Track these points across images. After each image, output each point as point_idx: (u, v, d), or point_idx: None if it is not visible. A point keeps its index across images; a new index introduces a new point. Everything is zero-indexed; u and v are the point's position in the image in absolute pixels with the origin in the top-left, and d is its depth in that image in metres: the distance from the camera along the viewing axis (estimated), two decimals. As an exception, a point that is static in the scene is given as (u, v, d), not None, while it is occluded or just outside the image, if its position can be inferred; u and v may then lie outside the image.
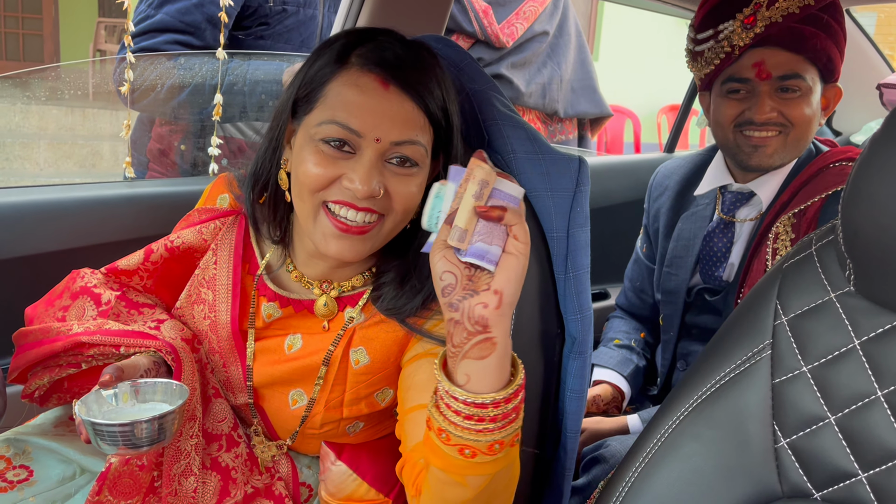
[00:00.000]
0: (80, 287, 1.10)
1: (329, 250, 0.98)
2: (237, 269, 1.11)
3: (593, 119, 2.73)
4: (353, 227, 0.96)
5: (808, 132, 1.49)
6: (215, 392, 1.09)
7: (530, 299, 1.12)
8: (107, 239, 1.50)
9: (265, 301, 1.10)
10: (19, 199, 1.46)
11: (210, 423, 1.07)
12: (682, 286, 1.65)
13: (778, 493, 0.80)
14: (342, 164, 0.95)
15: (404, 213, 1.00)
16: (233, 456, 1.07)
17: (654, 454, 0.87)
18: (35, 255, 1.46)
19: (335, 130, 0.94)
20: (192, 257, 1.15)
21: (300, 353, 1.08)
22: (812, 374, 0.79)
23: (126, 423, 0.86)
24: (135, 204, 1.54)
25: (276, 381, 1.09)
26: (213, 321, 1.10)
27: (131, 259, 1.15)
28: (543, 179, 1.14)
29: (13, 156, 5.23)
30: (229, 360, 1.10)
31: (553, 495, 1.19)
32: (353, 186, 0.94)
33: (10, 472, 1.04)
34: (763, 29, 1.43)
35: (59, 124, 5.59)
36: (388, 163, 0.96)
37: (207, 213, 1.16)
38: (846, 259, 0.77)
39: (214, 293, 1.11)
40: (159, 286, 1.16)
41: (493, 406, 0.80)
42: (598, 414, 1.72)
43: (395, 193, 0.97)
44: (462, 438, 0.81)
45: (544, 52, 2.50)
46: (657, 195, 1.81)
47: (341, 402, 1.08)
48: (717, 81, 1.54)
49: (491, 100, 1.18)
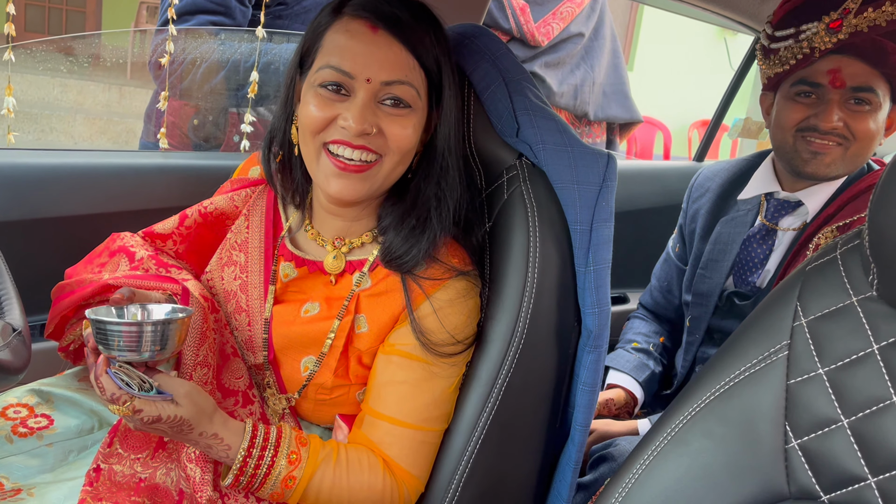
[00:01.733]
0: (118, 246, 1.17)
1: (330, 189, 1.04)
2: (269, 233, 1.18)
3: (623, 124, 2.73)
4: (351, 165, 1.02)
5: (868, 148, 1.47)
6: (234, 351, 1.13)
7: (550, 291, 1.12)
8: (140, 206, 1.53)
9: (283, 261, 1.15)
10: (60, 162, 1.50)
11: (228, 378, 1.11)
12: (715, 289, 1.64)
13: (785, 494, 0.80)
14: (338, 105, 1.02)
15: (401, 155, 1.05)
16: (247, 412, 1.10)
17: (663, 448, 0.87)
18: (72, 216, 1.50)
19: (329, 74, 1.02)
20: (223, 224, 1.21)
21: (315, 318, 1.12)
22: (828, 377, 0.79)
23: (133, 323, 0.91)
24: (168, 174, 1.57)
25: (290, 344, 1.13)
26: (245, 281, 1.16)
27: (167, 223, 1.21)
28: (570, 171, 1.14)
29: (49, 128, 5.31)
30: (255, 318, 1.14)
31: (559, 487, 1.19)
32: (346, 124, 1.00)
33: (32, 419, 1.08)
34: (847, 36, 1.40)
35: (96, 100, 5.68)
36: (381, 104, 1.03)
37: (239, 182, 1.24)
38: (870, 263, 0.77)
39: (247, 255, 1.17)
40: (190, 252, 1.22)
41: (244, 459, 0.99)
42: (609, 417, 1.71)
43: (390, 134, 1.03)
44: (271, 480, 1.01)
45: (578, 54, 2.50)
46: (697, 196, 1.80)
47: (347, 370, 1.12)
48: (786, 82, 1.51)
49: (524, 90, 1.18)
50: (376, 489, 1.05)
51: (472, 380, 1.11)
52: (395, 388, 1.07)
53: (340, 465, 1.04)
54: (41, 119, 5.29)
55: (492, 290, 1.14)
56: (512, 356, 1.09)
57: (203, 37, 1.89)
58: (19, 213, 1.47)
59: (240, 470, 0.99)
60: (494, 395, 1.09)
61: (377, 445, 1.07)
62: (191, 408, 0.95)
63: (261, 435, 1.01)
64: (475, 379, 1.11)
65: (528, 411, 1.14)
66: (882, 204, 0.74)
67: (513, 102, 1.17)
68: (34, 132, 5.19)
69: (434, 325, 1.07)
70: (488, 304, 1.13)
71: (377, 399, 1.08)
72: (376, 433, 1.07)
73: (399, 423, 1.07)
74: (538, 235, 1.12)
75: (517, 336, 1.09)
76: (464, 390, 1.12)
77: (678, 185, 2.09)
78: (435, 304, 1.07)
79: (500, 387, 1.09)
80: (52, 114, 5.33)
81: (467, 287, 1.10)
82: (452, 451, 1.10)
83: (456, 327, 1.08)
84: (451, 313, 1.08)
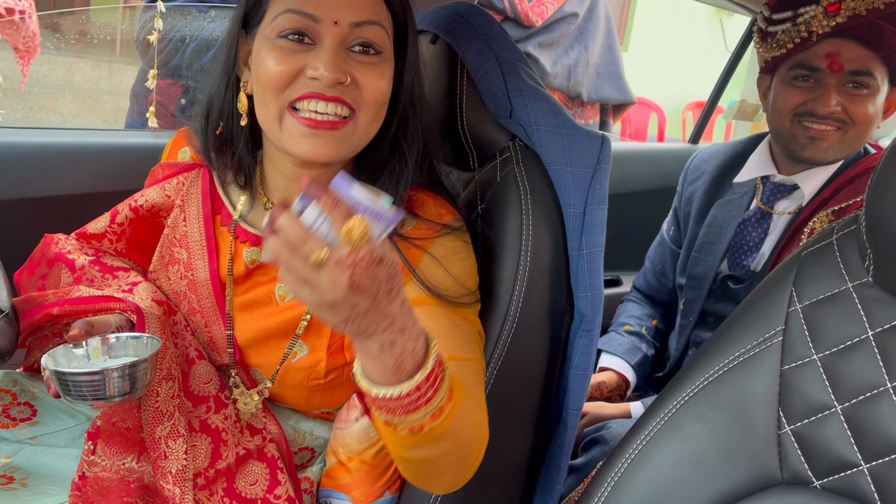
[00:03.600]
0: (54, 254, 1.08)
1: (303, 151, 0.93)
2: (209, 223, 1.07)
3: (616, 105, 2.71)
4: (325, 121, 0.92)
5: (866, 132, 1.46)
6: (198, 354, 1.05)
7: (542, 274, 1.11)
8: (128, 186, 1.51)
9: (246, 247, 1.05)
10: (46, 141, 1.48)
11: (195, 385, 1.03)
12: (709, 272, 1.64)
13: (778, 479, 0.80)
14: (303, 56, 0.91)
15: (376, 108, 0.95)
16: (222, 418, 1.03)
17: (657, 433, 0.87)
18: (59, 196, 1.47)
19: (291, 20, 0.91)
20: (158, 217, 1.11)
21: (294, 302, 1.03)
22: (822, 363, 0.79)
23: (96, 372, 0.83)
24: (156, 153, 1.55)
25: (268, 335, 1.04)
26: (192, 280, 1.06)
27: (98, 223, 1.12)
28: (564, 154, 1.13)
29: (38, 105, 5.25)
30: (211, 318, 1.06)
31: (551, 470, 1.19)
32: (318, 73, 0.90)
33: (14, 408, 1.03)
34: (845, 19, 1.39)
35: (86, 77, 5.61)
36: (351, 51, 0.93)
37: (169, 169, 1.13)
38: (867, 249, 0.77)
39: (189, 251, 1.07)
40: (131, 249, 1.12)
41: (408, 396, 0.74)
42: (601, 399, 1.72)
43: (364, 84, 0.93)
44: (405, 421, 0.76)
45: (572, 34, 2.48)
46: (693, 179, 1.79)
47: (342, 346, 1.04)
48: (783, 66, 1.50)
49: (518, 70, 1.17)
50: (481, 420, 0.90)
51: (464, 363, 1.11)
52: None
53: (467, 396, 0.86)
54: (29, 96, 5.23)
55: (483, 272, 1.13)
56: (504, 339, 1.09)
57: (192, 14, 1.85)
58: (5, 192, 1.45)
59: (417, 387, 0.75)
60: (487, 377, 1.09)
61: None
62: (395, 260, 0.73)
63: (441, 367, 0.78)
64: (467, 362, 1.10)
65: (520, 395, 1.14)
66: (880, 189, 0.73)
67: (506, 83, 1.16)
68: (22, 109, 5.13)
69: (437, 273, 0.97)
70: (480, 288, 1.13)
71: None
72: None
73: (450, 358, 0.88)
74: (531, 218, 1.11)
75: (509, 319, 1.09)
76: (456, 374, 1.11)
77: (673, 168, 2.08)
78: (435, 253, 0.98)
79: (493, 370, 1.09)
80: (41, 91, 5.27)
81: (460, 243, 1.02)
82: (444, 434, 1.10)
83: (463, 278, 0.99)
84: (453, 263, 0.99)
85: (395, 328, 0.72)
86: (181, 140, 1.16)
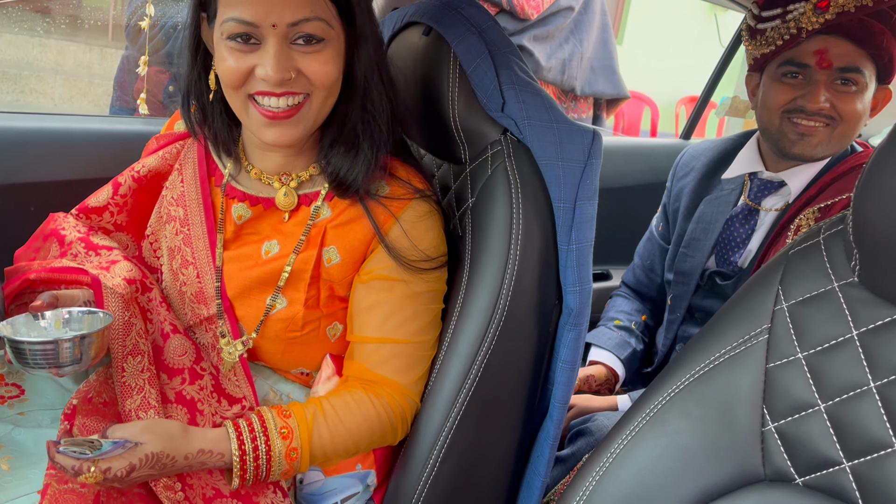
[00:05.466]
0: (50, 230, 1.16)
1: (266, 139, 1.04)
2: (205, 183, 1.16)
3: (610, 100, 2.71)
4: (280, 112, 1.01)
5: (854, 129, 1.47)
6: (173, 328, 1.10)
7: (531, 268, 1.12)
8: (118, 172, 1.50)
9: (235, 202, 1.14)
10: (37, 126, 1.46)
11: (170, 357, 1.09)
12: (696, 268, 1.64)
13: (760, 476, 0.81)
14: (251, 56, 0.99)
15: (327, 89, 1.03)
16: (197, 389, 1.08)
17: (642, 428, 0.87)
18: (49, 181, 1.47)
19: (234, 27, 0.98)
20: (158, 185, 1.20)
21: (277, 256, 1.11)
22: (806, 362, 0.79)
23: (49, 342, 0.88)
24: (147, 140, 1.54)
25: (251, 286, 1.12)
26: (188, 235, 1.14)
27: (100, 195, 1.19)
28: (556, 148, 1.13)
29: (28, 89, 5.21)
30: (204, 269, 1.13)
31: (537, 462, 1.19)
32: (265, 74, 0.98)
33: (3, 387, 1.06)
34: (834, 16, 1.39)
35: (77, 61, 5.56)
36: (294, 44, 1.00)
37: (165, 138, 1.22)
38: (853, 249, 0.77)
39: (185, 209, 1.15)
40: (131, 221, 1.20)
41: (241, 458, 0.99)
42: (589, 393, 1.72)
43: (310, 72, 1.01)
44: (274, 476, 1.03)
45: (568, 28, 2.47)
46: (682, 175, 1.79)
47: (318, 301, 1.12)
48: (772, 63, 1.50)
49: (511, 64, 1.17)
50: (371, 417, 1.07)
51: (451, 355, 1.11)
52: (377, 310, 1.09)
53: (329, 414, 1.05)
54: (20, 80, 5.19)
55: (473, 265, 1.13)
56: (493, 333, 1.09)
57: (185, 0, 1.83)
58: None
59: (241, 469, 1.00)
60: (474, 371, 1.09)
61: (368, 369, 1.09)
62: (156, 440, 0.94)
63: (245, 429, 1.01)
64: (455, 354, 1.10)
65: (507, 388, 1.14)
66: (867, 189, 0.73)
67: (499, 76, 1.15)
68: (13, 93, 5.09)
69: (406, 244, 1.08)
70: (469, 280, 1.13)
71: (361, 325, 1.10)
72: (365, 357, 1.10)
73: (385, 340, 1.09)
74: (521, 212, 1.11)
75: (498, 312, 1.09)
76: (443, 366, 1.11)
77: (664, 163, 2.08)
78: (404, 224, 1.09)
79: (480, 363, 1.09)
80: (32, 74, 5.23)
81: (430, 209, 1.12)
82: (431, 426, 1.10)
83: (428, 246, 1.10)
84: (421, 231, 1.10)
85: (196, 461, 0.98)
86: (178, 117, 1.24)
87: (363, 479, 1.14)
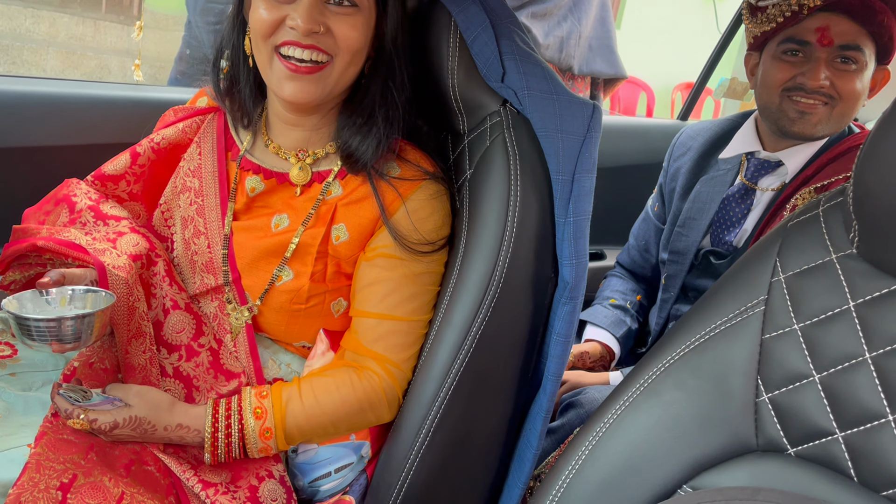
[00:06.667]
0: (62, 195, 1.18)
1: (284, 93, 1.06)
2: (222, 157, 1.19)
3: (607, 80, 2.69)
4: (303, 66, 1.04)
5: (853, 108, 1.47)
6: (174, 304, 1.13)
7: (528, 240, 1.11)
8: (110, 139, 1.49)
9: (250, 175, 1.16)
10: (27, 90, 1.45)
11: (169, 333, 1.12)
12: (691, 247, 1.65)
13: (753, 446, 0.81)
14: (286, 7, 1.03)
15: (351, 55, 1.06)
16: (193, 366, 1.11)
17: (635, 399, 0.87)
18: (42, 146, 1.46)
19: None
20: (176, 157, 1.22)
21: (286, 230, 1.14)
22: (802, 333, 0.79)
23: (51, 319, 0.91)
24: (141, 107, 1.53)
25: (259, 256, 1.14)
26: (201, 205, 1.17)
27: (118, 163, 1.20)
28: (555, 120, 1.12)
29: (20, 60, 5.15)
30: (214, 239, 1.16)
31: (529, 435, 1.20)
32: (294, 24, 1.02)
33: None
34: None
35: (70, 33, 5.49)
36: (329, 4, 1.04)
37: (184, 111, 1.25)
38: (852, 220, 0.77)
39: (201, 180, 1.18)
40: (145, 190, 1.22)
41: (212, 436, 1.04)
42: (583, 369, 1.73)
43: (338, 33, 1.04)
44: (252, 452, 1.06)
45: (566, 5, 2.45)
46: (679, 155, 1.79)
47: (324, 276, 1.14)
48: (772, 41, 1.50)
49: (512, 34, 1.16)
50: (350, 401, 1.09)
51: (446, 326, 1.11)
52: (378, 287, 1.11)
53: (307, 396, 1.08)
54: (11, 50, 5.13)
55: (470, 236, 1.13)
56: (487, 304, 1.09)
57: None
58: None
59: (213, 446, 1.03)
60: (468, 342, 1.09)
61: (363, 344, 1.12)
62: (144, 406, 1.00)
63: (222, 406, 1.05)
64: (449, 325, 1.10)
65: (501, 359, 1.14)
66: (869, 159, 0.73)
67: (500, 46, 1.14)
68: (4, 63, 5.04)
69: (408, 226, 1.11)
70: (465, 251, 1.12)
71: (362, 301, 1.13)
72: (363, 332, 1.12)
73: (385, 316, 1.11)
74: (519, 184, 1.10)
75: (493, 284, 1.09)
76: (437, 336, 1.11)
77: (661, 143, 2.08)
78: (411, 205, 1.11)
79: (475, 334, 1.09)
80: (23, 45, 5.16)
81: (439, 190, 1.14)
82: (424, 396, 1.10)
83: (430, 230, 1.12)
84: (425, 216, 1.12)
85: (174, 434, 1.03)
86: (202, 93, 1.28)
87: (357, 449, 1.15)
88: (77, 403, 0.97)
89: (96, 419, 0.97)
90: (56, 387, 0.99)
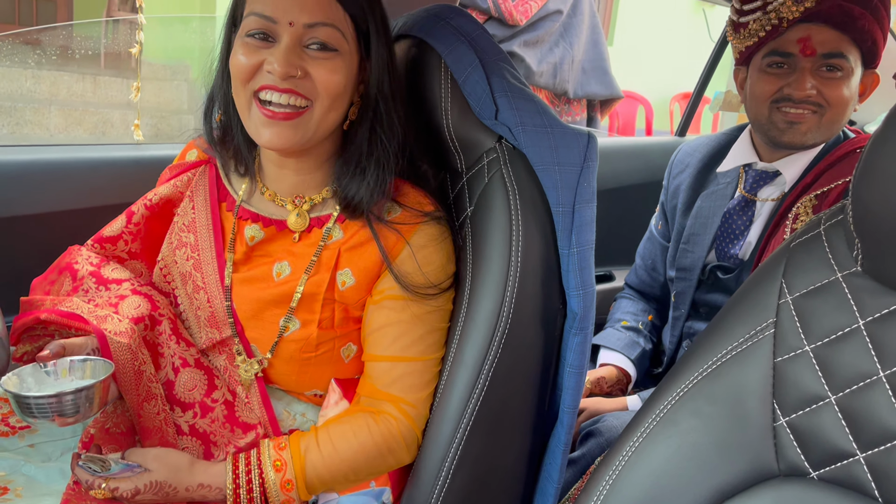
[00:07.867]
0: (65, 263, 1.18)
1: (262, 139, 1.05)
2: (215, 209, 1.18)
3: (603, 100, 2.71)
4: (279, 112, 1.03)
5: (843, 114, 1.47)
6: (183, 362, 1.13)
7: (534, 274, 1.11)
8: (114, 201, 1.50)
9: (248, 223, 1.15)
10: (29, 158, 1.47)
11: (181, 392, 1.12)
12: (697, 263, 1.64)
13: (775, 471, 0.80)
14: (264, 52, 1.03)
15: (331, 100, 1.05)
16: (208, 422, 1.11)
17: (653, 429, 0.87)
18: (48, 213, 1.48)
19: (254, 21, 1.03)
20: (170, 212, 1.22)
21: (289, 278, 1.13)
22: (814, 354, 0.79)
23: (52, 395, 0.91)
24: (143, 167, 1.54)
25: (264, 307, 1.13)
26: (197, 260, 1.16)
27: (114, 225, 1.21)
28: (551, 153, 1.13)
29: (24, 121, 5.22)
30: (214, 293, 1.15)
31: (550, 468, 1.19)
32: (272, 67, 1.01)
33: (13, 417, 1.07)
34: (814, 3, 1.41)
35: (71, 91, 5.57)
36: (307, 49, 1.03)
37: (178, 168, 1.25)
38: (854, 238, 0.77)
39: (196, 234, 1.17)
40: (144, 248, 1.22)
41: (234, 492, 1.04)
42: (600, 395, 1.71)
43: (317, 77, 1.03)
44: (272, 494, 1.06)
45: (557, 32, 2.48)
46: (678, 172, 1.80)
47: (332, 322, 1.13)
48: (757, 55, 1.52)
49: (502, 71, 1.16)
50: (368, 447, 1.08)
51: (458, 365, 1.10)
52: (389, 330, 1.11)
53: (325, 444, 1.07)
54: (14, 112, 5.20)
55: (475, 274, 1.13)
56: (498, 340, 1.09)
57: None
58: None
59: (234, 502, 1.04)
60: (482, 380, 1.08)
61: (378, 388, 1.11)
62: (163, 469, 1.01)
63: (241, 462, 1.05)
64: (461, 364, 1.10)
65: (516, 395, 1.14)
66: (865, 177, 0.73)
67: (490, 84, 1.15)
68: (8, 125, 5.11)
69: (413, 267, 1.10)
70: (472, 289, 1.12)
71: (374, 344, 1.12)
72: (377, 376, 1.12)
73: (397, 358, 1.11)
74: (520, 218, 1.11)
75: (502, 320, 1.09)
76: (450, 376, 1.11)
77: (661, 161, 2.08)
78: (413, 247, 1.10)
79: (488, 372, 1.09)
80: (26, 106, 5.24)
81: (440, 231, 1.13)
82: (442, 438, 1.10)
83: (434, 270, 1.11)
84: (428, 255, 1.11)
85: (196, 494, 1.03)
86: (191, 146, 1.27)
87: (378, 496, 1.14)
88: (97, 474, 0.97)
89: (118, 487, 0.98)
90: (75, 457, 0.99)
